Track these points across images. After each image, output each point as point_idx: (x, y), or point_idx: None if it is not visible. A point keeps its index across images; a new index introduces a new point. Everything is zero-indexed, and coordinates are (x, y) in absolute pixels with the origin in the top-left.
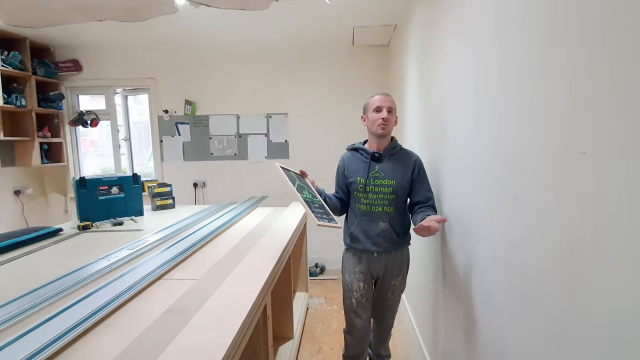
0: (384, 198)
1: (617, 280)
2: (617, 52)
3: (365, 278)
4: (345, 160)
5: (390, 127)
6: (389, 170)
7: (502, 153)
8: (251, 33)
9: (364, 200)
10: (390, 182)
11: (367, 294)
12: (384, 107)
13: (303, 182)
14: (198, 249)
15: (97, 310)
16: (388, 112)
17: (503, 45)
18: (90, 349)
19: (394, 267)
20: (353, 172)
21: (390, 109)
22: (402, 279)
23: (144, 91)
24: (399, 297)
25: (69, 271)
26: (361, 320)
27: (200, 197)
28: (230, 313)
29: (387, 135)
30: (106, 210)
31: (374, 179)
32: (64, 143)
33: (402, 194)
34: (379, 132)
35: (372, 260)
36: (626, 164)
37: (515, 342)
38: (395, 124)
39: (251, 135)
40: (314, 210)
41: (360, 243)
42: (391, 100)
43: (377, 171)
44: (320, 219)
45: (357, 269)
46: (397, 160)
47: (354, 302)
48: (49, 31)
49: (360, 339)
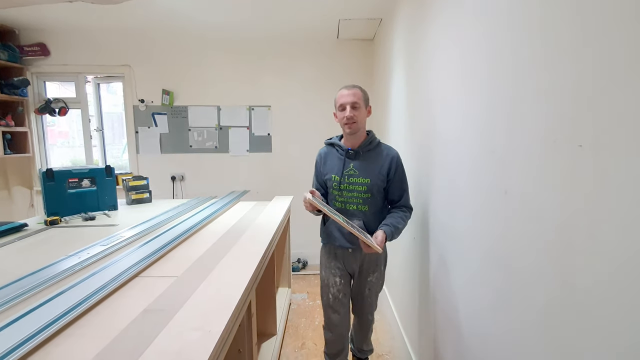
0: (358, 197)
1: (609, 275)
2: (613, 42)
3: (341, 274)
4: (322, 155)
5: (359, 123)
6: (364, 168)
7: (492, 147)
8: (233, 21)
9: (339, 198)
10: (364, 180)
11: (344, 290)
12: (347, 104)
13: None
14: (177, 245)
15: (68, 311)
16: (353, 109)
17: (491, 37)
18: (60, 354)
19: (370, 263)
20: (329, 168)
21: (355, 104)
22: (379, 275)
23: (118, 79)
24: (376, 293)
25: (35, 269)
26: (338, 316)
27: (178, 191)
28: (213, 312)
29: (357, 132)
30: (76, 204)
31: (349, 176)
32: (29, 132)
33: (378, 192)
34: (347, 131)
35: (347, 256)
36: (625, 157)
37: (499, 335)
38: (368, 114)
39: (233, 127)
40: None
41: (335, 240)
42: (356, 93)
43: (351, 169)
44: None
45: (332, 264)
46: (373, 157)
47: (330, 297)
48: (13, 12)
49: (339, 335)
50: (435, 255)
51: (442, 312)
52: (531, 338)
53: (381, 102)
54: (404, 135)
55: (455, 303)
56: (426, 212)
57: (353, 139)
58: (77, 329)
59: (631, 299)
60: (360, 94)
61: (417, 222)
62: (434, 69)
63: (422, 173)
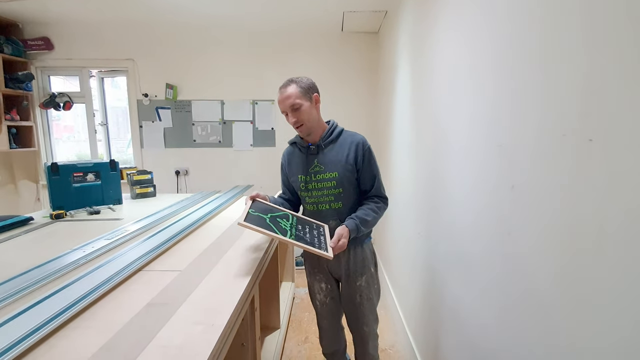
0: (329, 194)
1: (618, 272)
2: (623, 34)
3: (326, 278)
4: (286, 156)
5: (308, 122)
6: (329, 161)
7: (499, 141)
8: (237, 14)
9: (308, 200)
10: (331, 174)
11: (331, 294)
12: (285, 110)
13: (267, 211)
14: (181, 239)
15: (72, 304)
16: (293, 111)
17: (498, 29)
18: (65, 346)
19: (356, 265)
20: (294, 170)
21: (294, 105)
22: (369, 279)
23: (122, 73)
24: (370, 300)
25: (41, 262)
26: (327, 323)
27: (182, 186)
28: (216, 306)
29: (311, 133)
30: (81, 198)
31: (315, 174)
32: (35, 127)
33: (349, 185)
34: (301, 135)
35: (331, 262)
36: (638, 152)
37: (502, 330)
38: (316, 103)
39: (236, 122)
40: (310, 240)
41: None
42: (291, 94)
43: (316, 165)
44: (324, 244)
45: (315, 270)
46: (337, 148)
47: (317, 304)
48: (16, 6)
49: (331, 341)
50: (439, 251)
51: (446, 307)
52: (534, 336)
53: (386, 95)
54: (409, 129)
55: (459, 299)
56: (431, 207)
57: (311, 135)
58: (81, 322)
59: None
60: (297, 92)
61: (422, 217)
62: (440, 62)
63: (428, 168)
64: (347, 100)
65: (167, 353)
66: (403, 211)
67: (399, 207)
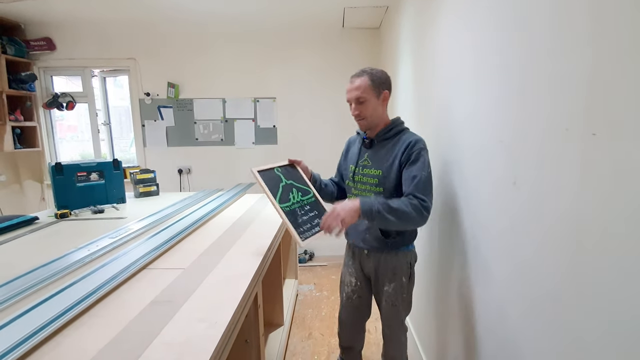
0: (370, 190)
1: (622, 267)
2: (628, 27)
3: (357, 275)
4: (348, 145)
5: (369, 118)
6: (377, 158)
7: (501, 136)
8: (237, 12)
9: (353, 191)
10: (376, 172)
11: (359, 291)
12: (351, 100)
13: (293, 178)
14: (184, 237)
15: (78, 302)
16: (359, 104)
17: (501, 23)
18: (72, 343)
19: (386, 270)
20: (350, 158)
21: (360, 98)
22: (397, 287)
23: (124, 72)
24: (395, 307)
25: (47, 261)
26: (347, 317)
27: (185, 184)
28: (220, 303)
29: (371, 128)
30: (85, 197)
31: (362, 167)
32: (38, 127)
33: (391, 187)
34: (360, 129)
35: (364, 258)
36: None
37: (506, 327)
38: (384, 101)
39: (238, 120)
40: (301, 222)
41: (350, 237)
42: (359, 86)
43: (365, 159)
44: (307, 231)
45: (350, 262)
46: (389, 146)
47: (344, 295)
48: (18, 6)
49: (347, 337)
50: (441, 247)
51: (449, 303)
52: (539, 332)
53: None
54: (411, 125)
55: (461, 295)
56: (434, 202)
57: (372, 131)
58: (87, 320)
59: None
60: (368, 84)
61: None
62: (442, 58)
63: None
64: None
65: (172, 350)
66: None
67: None
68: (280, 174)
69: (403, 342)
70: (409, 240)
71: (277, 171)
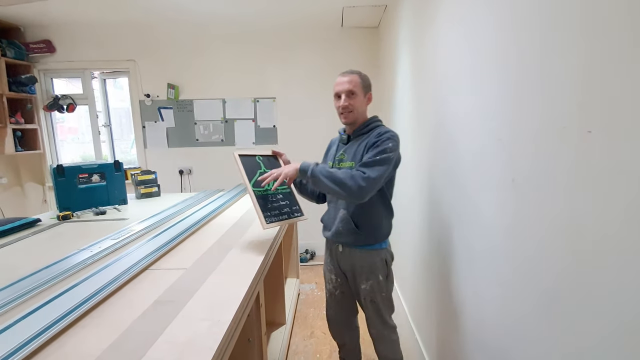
0: None
1: (619, 266)
2: (623, 25)
3: (336, 271)
4: (330, 144)
5: (356, 112)
6: (352, 151)
7: (499, 134)
8: (236, 12)
9: None
10: (349, 164)
11: (340, 287)
12: (342, 92)
13: (272, 168)
14: (186, 238)
15: (82, 303)
16: (348, 97)
17: (499, 22)
18: (76, 343)
19: (363, 268)
20: (329, 155)
21: (350, 92)
22: (375, 285)
23: (124, 74)
24: (375, 305)
25: (50, 263)
26: (333, 314)
27: (186, 185)
28: (222, 303)
29: (355, 122)
30: (87, 199)
31: (339, 162)
32: (39, 129)
33: None
34: (343, 121)
35: (339, 254)
36: (638, 143)
37: (507, 325)
38: (368, 102)
39: (238, 120)
40: (270, 207)
41: (326, 230)
42: (352, 80)
43: (342, 154)
44: (273, 217)
45: (328, 259)
46: (363, 140)
47: (327, 293)
48: (17, 9)
49: (336, 332)
50: (442, 245)
51: (449, 301)
52: (539, 331)
53: (387, 91)
54: (409, 124)
55: (461, 292)
56: (432, 200)
57: (351, 127)
58: (91, 320)
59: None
60: (358, 81)
61: (423, 212)
62: (440, 56)
63: (428, 163)
64: None
65: (175, 348)
66: (405, 205)
67: (402, 202)
68: (261, 162)
69: (394, 341)
70: (381, 237)
71: (258, 159)
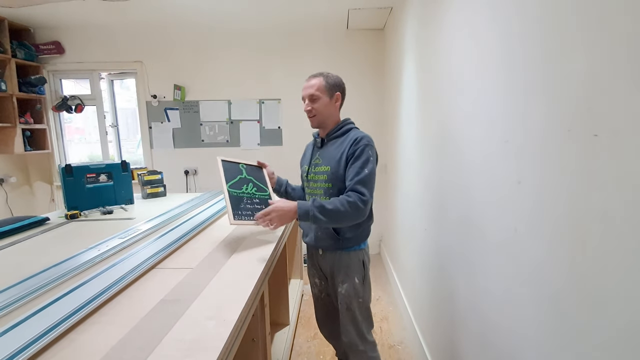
0: (320, 187)
1: (626, 267)
2: (630, 28)
3: (319, 274)
4: (306, 148)
5: (320, 115)
6: (327, 155)
7: (505, 136)
8: (243, 14)
9: (307, 190)
10: (325, 168)
11: (325, 290)
12: (304, 97)
13: (254, 176)
14: (192, 238)
15: (89, 301)
16: (312, 101)
17: (506, 25)
18: (84, 341)
19: (340, 270)
20: (304, 160)
21: (313, 96)
22: (350, 289)
23: (131, 75)
24: (350, 313)
25: (58, 261)
26: (322, 315)
27: (192, 185)
28: (228, 302)
29: (322, 125)
30: (95, 198)
31: (315, 166)
32: (48, 129)
33: (340, 183)
34: (311, 125)
35: (319, 258)
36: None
37: (510, 325)
38: (336, 102)
39: (243, 121)
40: (242, 207)
41: (306, 236)
42: (314, 84)
43: (317, 157)
44: (243, 216)
45: (310, 264)
46: (338, 144)
47: (313, 297)
48: (28, 11)
49: (327, 333)
50: (446, 247)
51: (454, 303)
52: (544, 332)
53: (393, 92)
54: (415, 126)
55: (466, 295)
56: (438, 202)
57: (324, 131)
58: (99, 318)
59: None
60: (321, 84)
61: (428, 213)
62: (446, 58)
63: (434, 164)
64: (354, 97)
65: (182, 346)
66: (410, 207)
67: (406, 204)
68: (244, 169)
69: (374, 358)
70: (361, 239)
71: (241, 167)
